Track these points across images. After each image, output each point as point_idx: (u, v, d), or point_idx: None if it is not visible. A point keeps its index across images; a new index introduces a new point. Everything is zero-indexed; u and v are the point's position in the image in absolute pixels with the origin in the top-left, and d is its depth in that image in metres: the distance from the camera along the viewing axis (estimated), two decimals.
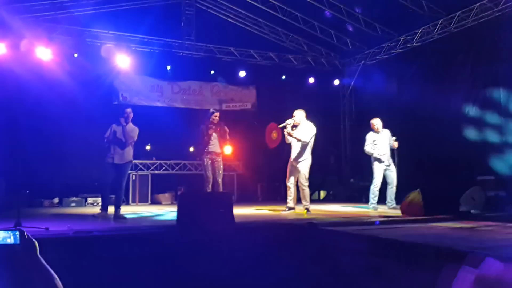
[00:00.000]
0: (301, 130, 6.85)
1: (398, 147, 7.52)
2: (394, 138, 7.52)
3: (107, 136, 6.47)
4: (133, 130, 6.54)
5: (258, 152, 10.50)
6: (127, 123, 6.50)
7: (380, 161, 7.41)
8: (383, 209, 7.29)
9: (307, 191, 6.79)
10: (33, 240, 1.85)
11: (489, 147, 7.73)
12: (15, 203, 5.42)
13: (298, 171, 6.78)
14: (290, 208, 6.80)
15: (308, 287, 4.15)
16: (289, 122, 6.83)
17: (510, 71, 7.77)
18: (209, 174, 6.88)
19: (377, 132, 7.54)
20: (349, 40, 11.10)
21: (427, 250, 3.30)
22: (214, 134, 6.93)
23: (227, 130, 7.06)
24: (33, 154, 8.14)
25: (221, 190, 6.94)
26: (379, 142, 7.46)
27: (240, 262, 4.06)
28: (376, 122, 7.58)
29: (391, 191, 7.46)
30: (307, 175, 6.76)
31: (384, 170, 7.43)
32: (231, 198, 5.20)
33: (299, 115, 6.93)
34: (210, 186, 6.89)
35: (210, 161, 6.92)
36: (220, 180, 6.98)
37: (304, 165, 6.73)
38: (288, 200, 6.84)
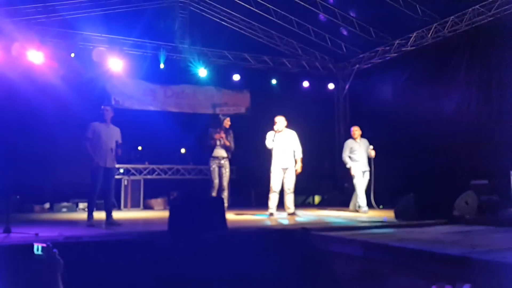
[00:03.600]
0: (291, 138, 7.15)
1: (375, 156, 7.92)
2: (371, 147, 7.91)
3: (90, 137, 6.03)
4: (117, 132, 6.22)
5: (252, 156, 10.44)
6: (107, 123, 6.17)
7: (356, 166, 7.83)
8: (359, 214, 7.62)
9: (293, 196, 7.13)
10: (59, 259, 1.80)
11: (483, 151, 7.72)
12: (4, 208, 5.34)
13: (289, 177, 7.02)
14: (272, 214, 7.00)
15: None
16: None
17: (503, 75, 7.79)
18: (216, 179, 6.87)
19: (355, 139, 7.99)
20: (343, 44, 11.10)
21: (420, 255, 3.28)
22: (221, 139, 6.97)
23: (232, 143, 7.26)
24: (24, 158, 8.05)
25: (227, 194, 6.98)
26: (356, 149, 7.91)
27: (233, 268, 4.02)
28: (356, 130, 8.06)
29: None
30: None
31: (362, 174, 7.86)
32: (224, 203, 5.15)
33: (282, 121, 7.18)
34: (216, 190, 6.91)
35: (216, 166, 6.92)
36: (226, 184, 7.05)
37: (294, 170, 7.07)
38: (272, 206, 7.05)
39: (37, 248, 1.75)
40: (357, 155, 7.87)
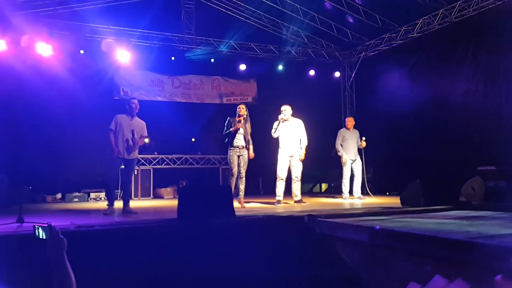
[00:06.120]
0: (297, 126, 7.30)
1: (365, 146, 8.24)
2: (363, 138, 8.24)
3: (113, 129, 6.11)
4: (141, 125, 6.34)
5: (259, 145, 10.48)
6: (133, 116, 6.27)
7: (347, 156, 8.21)
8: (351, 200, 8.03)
9: (300, 183, 7.32)
10: (62, 237, 1.82)
11: (490, 137, 7.71)
12: (17, 198, 5.45)
13: (296, 164, 7.19)
14: (280, 201, 7.14)
15: (308, 278, 4.17)
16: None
17: (511, 60, 7.73)
18: (235, 168, 6.85)
19: (349, 129, 8.35)
20: (349, 31, 11.04)
21: (426, 241, 3.31)
22: (241, 128, 6.88)
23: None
24: (35, 150, 8.18)
25: (243, 183, 6.91)
26: (348, 138, 8.27)
27: (241, 255, 4.09)
28: (350, 120, 8.47)
29: (357, 182, 8.22)
30: None
31: (351, 164, 8.22)
32: (232, 191, 5.23)
33: (288, 110, 7.29)
34: (234, 180, 6.86)
35: (235, 155, 6.89)
36: (243, 174, 6.93)
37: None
38: (280, 193, 7.19)
39: (38, 229, 1.80)
40: (348, 144, 8.24)
